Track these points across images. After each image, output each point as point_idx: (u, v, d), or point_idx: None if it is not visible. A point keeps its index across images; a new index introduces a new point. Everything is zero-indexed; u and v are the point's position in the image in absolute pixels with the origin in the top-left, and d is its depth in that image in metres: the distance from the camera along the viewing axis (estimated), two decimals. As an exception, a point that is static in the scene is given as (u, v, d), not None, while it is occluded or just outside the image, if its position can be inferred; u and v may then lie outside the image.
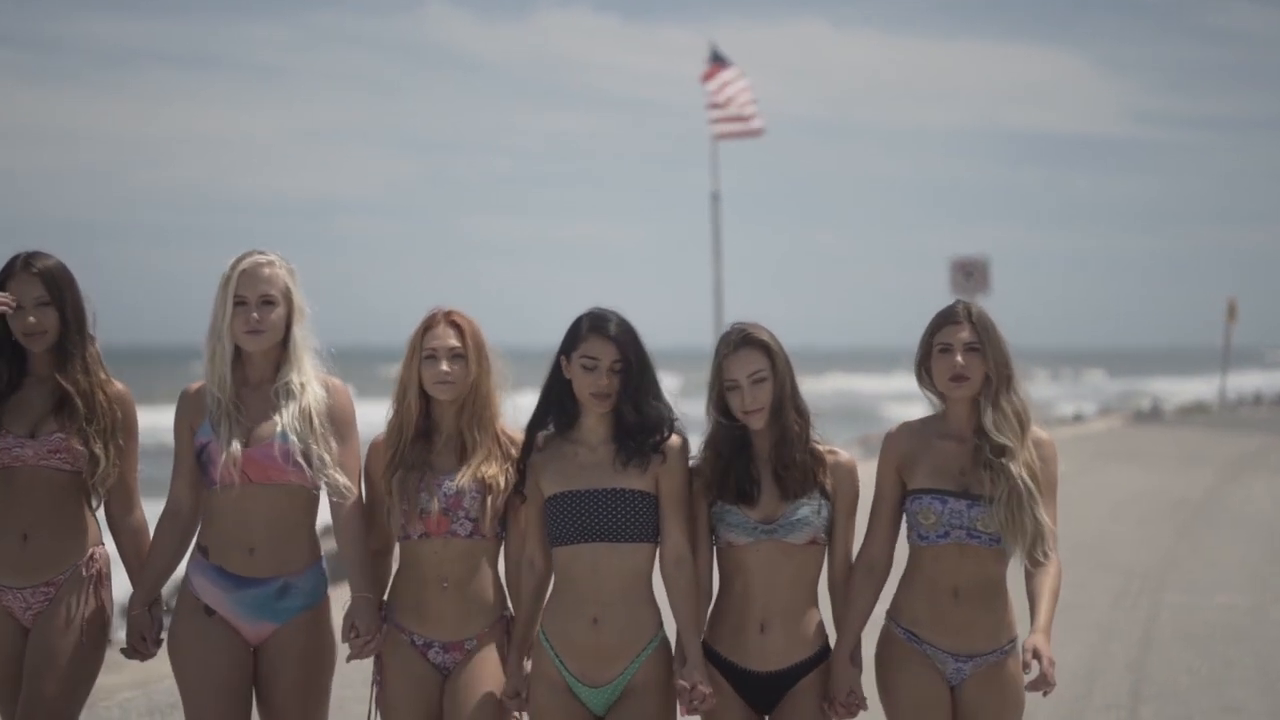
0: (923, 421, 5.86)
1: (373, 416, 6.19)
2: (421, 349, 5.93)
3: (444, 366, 5.88)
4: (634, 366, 5.73)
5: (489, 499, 5.84)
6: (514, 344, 5.16)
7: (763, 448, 5.76)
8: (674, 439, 5.79)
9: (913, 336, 5.85)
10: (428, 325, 5.95)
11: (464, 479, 5.85)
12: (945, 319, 5.77)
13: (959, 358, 5.69)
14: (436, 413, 5.96)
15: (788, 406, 5.73)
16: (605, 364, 5.71)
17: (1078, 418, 42.86)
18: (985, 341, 5.71)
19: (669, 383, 6.00)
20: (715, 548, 5.79)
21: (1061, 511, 5.92)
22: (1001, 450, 5.66)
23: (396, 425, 5.95)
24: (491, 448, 5.91)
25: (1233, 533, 18.04)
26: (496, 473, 5.87)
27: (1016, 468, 5.65)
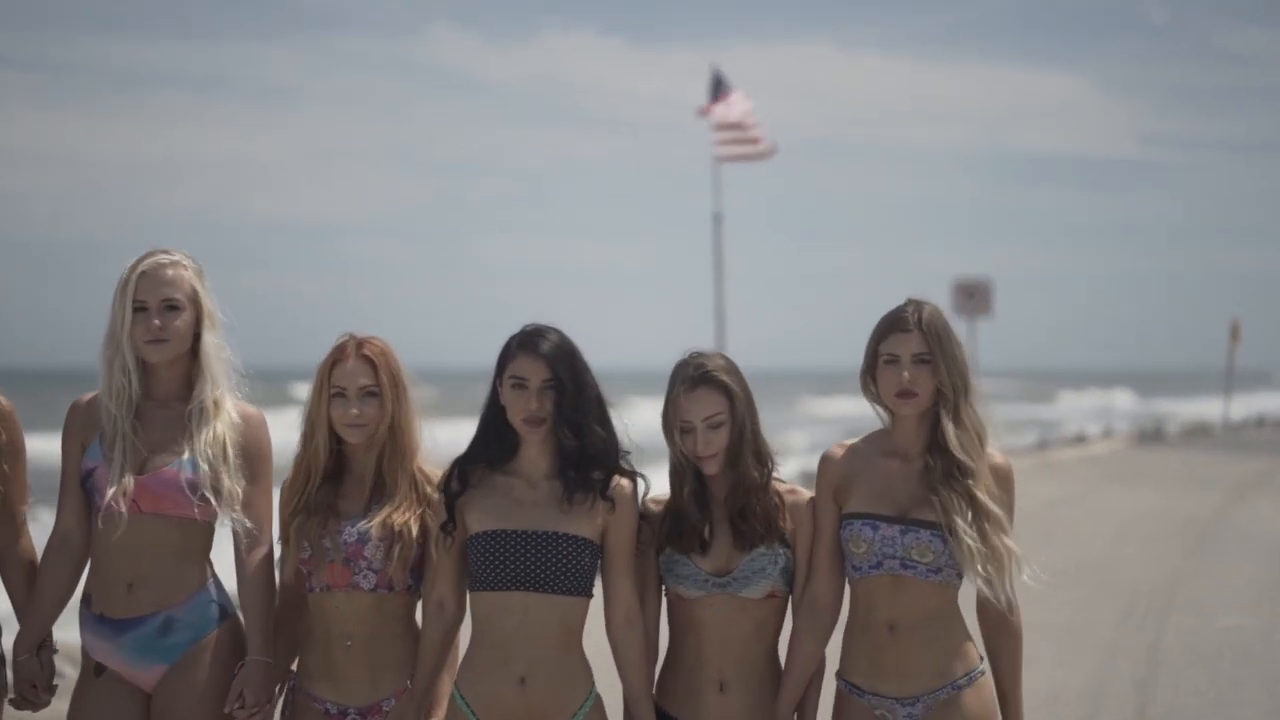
0: (866, 439, 5.30)
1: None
2: (329, 385, 5.34)
3: (354, 410, 5.30)
4: (569, 386, 5.12)
5: (396, 548, 5.26)
6: None
7: (719, 492, 5.24)
8: (624, 484, 5.19)
9: None
10: (336, 358, 5.35)
11: (369, 525, 5.28)
12: (891, 325, 5.17)
13: (906, 372, 5.11)
14: (348, 452, 5.39)
15: (746, 452, 5.20)
16: (535, 384, 5.13)
17: (1080, 439, 42.81)
18: (937, 351, 5.11)
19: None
20: (665, 599, 5.29)
21: (1068, 532, 5.81)
22: (966, 471, 5.08)
23: (303, 467, 5.38)
24: (407, 491, 5.33)
25: (1239, 554, 18.00)
26: (408, 519, 5.29)
27: (980, 490, 5.07)
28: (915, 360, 5.12)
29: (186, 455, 5.28)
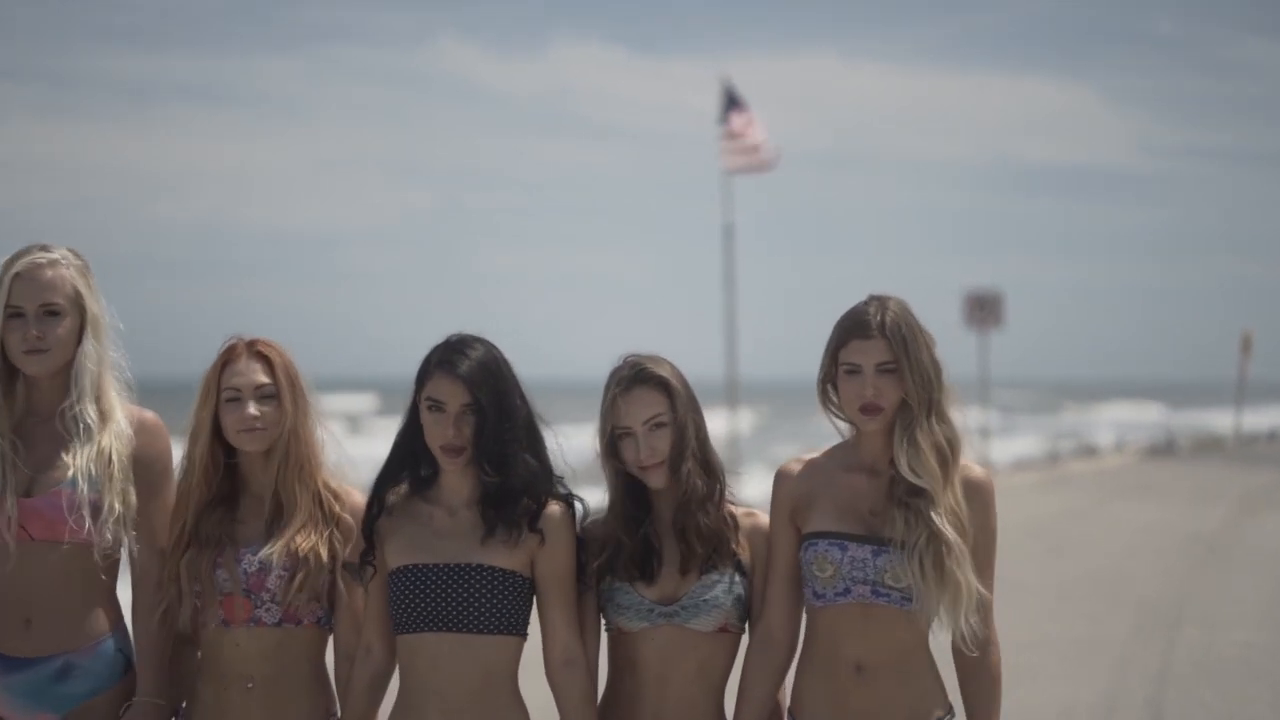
0: (827, 453, 4.71)
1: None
2: (220, 389, 4.75)
3: (251, 409, 4.70)
4: (490, 413, 4.53)
5: (302, 577, 4.67)
6: (531, 377, 4.73)
7: (665, 511, 4.66)
8: (554, 509, 4.61)
9: None
10: (226, 359, 4.77)
11: (272, 552, 4.68)
12: (852, 330, 4.57)
13: (869, 387, 4.53)
14: (243, 468, 4.79)
15: (689, 458, 4.63)
16: (453, 408, 4.55)
17: (1091, 451, 42.73)
18: (903, 358, 4.53)
19: None
20: (606, 633, 4.73)
21: (1078, 545, 5.52)
22: (917, 492, 4.50)
23: (188, 489, 4.76)
24: (311, 510, 4.73)
25: (1250, 568, 17.96)
26: (313, 543, 4.69)
27: (938, 515, 4.49)
28: (879, 370, 4.53)
29: (70, 474, 4.70)
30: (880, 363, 4.54)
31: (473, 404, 4.55)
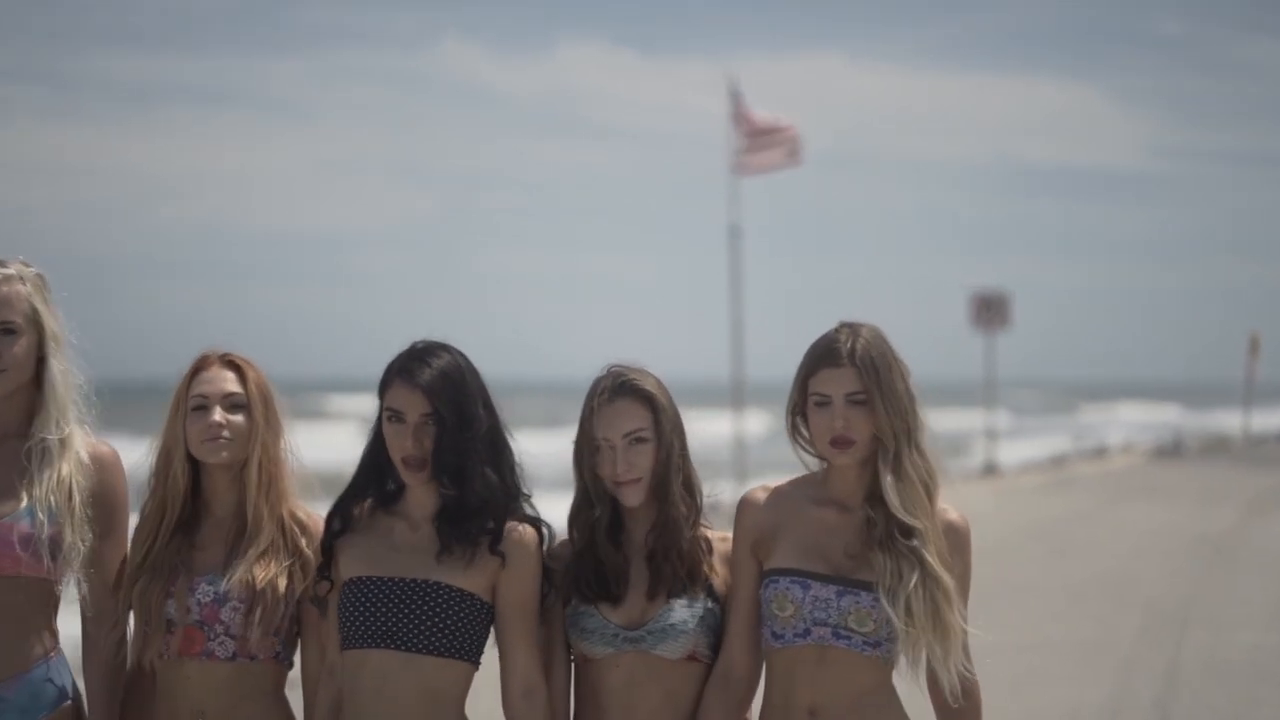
0: (795, 483, 4.44)
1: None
2: (188, 399, 4.47)
3: (216, 416, 4.42)
4: (450, 423, 4.30)
5: (258, 610, 4.38)
6: (533, 379, 4.58)
7: (637, 531, 4.43)
8: (520, 531, 4.36)
9: (928, 370, 4.74)
10: (196, 368, 4.50)
11: (229, 581, 4.39)
12: (821, 359, 4.31)
13: (839, 419, 4.27)
14: (208, 487, 4.50)
15: (673, 479, 4.40)
16: (413, 419, 4.32)
17: (1099, 453, 42.72)
18: (875, 388, 4.26)
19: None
20: (572, 662, 4.48)
21: (1084, 548, 5.43)
22: (909, 531, 4.24)
23: (158, 510, 4.48)
24: (275, 537, 4.44)
25: (1258, 570, 17.95)
26: (272, 574, 4.40)
27: (931, 555, 4.24)
28: (850, 401, 4.26)
29: (25, 504, 4.42)
30: (850, 393, 4.26)
31: (433, 414, 4.32)
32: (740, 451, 25.45)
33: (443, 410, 4.31)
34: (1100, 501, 26.13)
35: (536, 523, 4.41)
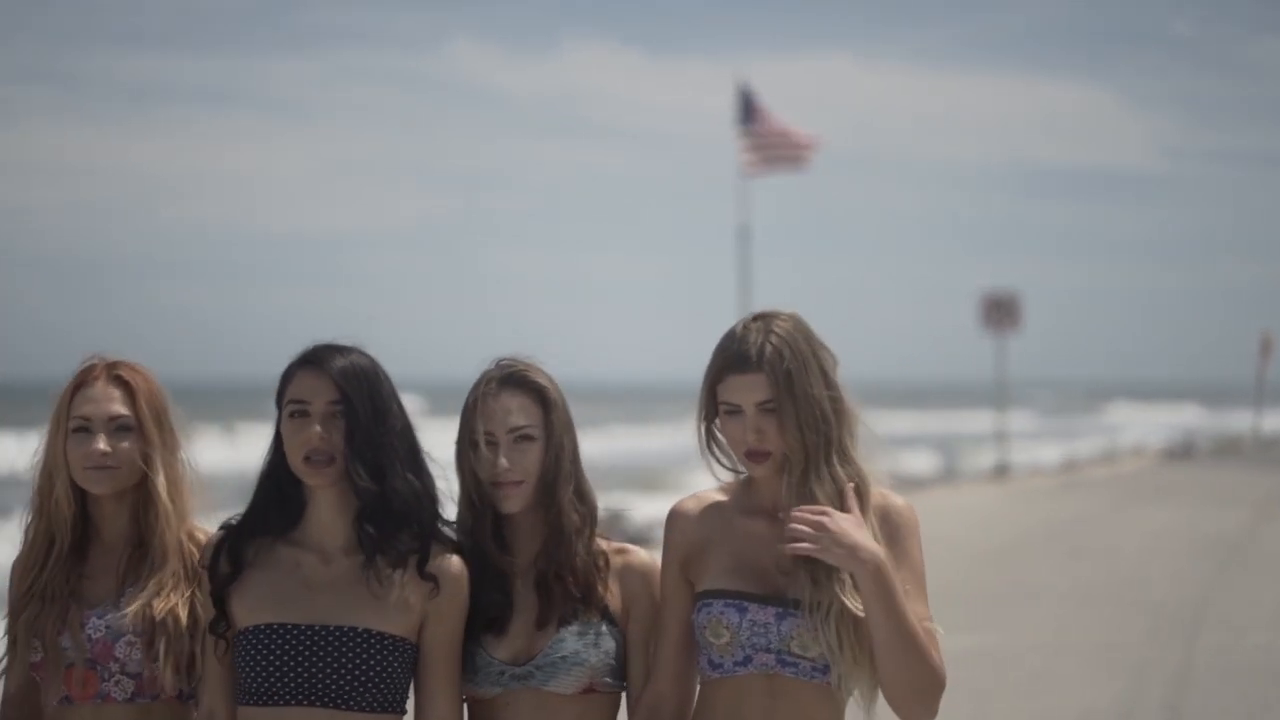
0: (728, 489, 3.98)
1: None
2: (69, 418, 4.04)
3: (101, 445, 3.99)
4: (362, 412, 3.81)
5: (160, 644, 3.94)
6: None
7: (522, 548, 3.94)
8: (452, 560, 3.87)
9: (935, 371, 4.39)
10: (79, 383, 4.06)
11: (122, 615, 3.96)
12: (729, 364, 3.84)
13: (751, 433, 3.81)
14: (94, 514, 4.08)
15: (564, 485, 3.92)
16: (319, 407, 3.82)
17: (1108, 456, 42.68)
18: (786, 398, 3.79)
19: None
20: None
21: (1095, 550, 5.17)
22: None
23: (42, 537, 4.05)
24: (174, 565, 4.00)
25: (1269, 571, 17.92)
26: (172, 605, 3.96)
27: (840, 583, 3.74)
28: (761, 410, 3.81)
29: None
30: (762, 401, 3.81)
31: (340, 402, 3.83)
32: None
33: (353, 397, 3.83)
34: (1111, 503, 26.10)
35: (459, 548, 3.93)
